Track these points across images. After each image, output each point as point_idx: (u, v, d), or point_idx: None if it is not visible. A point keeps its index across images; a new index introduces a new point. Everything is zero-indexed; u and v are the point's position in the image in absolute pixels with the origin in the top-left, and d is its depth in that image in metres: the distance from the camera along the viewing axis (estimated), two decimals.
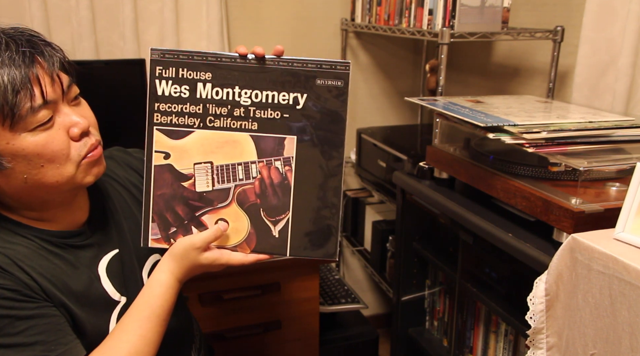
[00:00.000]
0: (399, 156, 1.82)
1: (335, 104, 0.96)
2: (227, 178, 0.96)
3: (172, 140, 0.94)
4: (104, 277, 0.94)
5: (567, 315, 0.96)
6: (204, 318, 1.56)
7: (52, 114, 0.83)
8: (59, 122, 0.84)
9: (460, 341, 1.53)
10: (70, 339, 0.84)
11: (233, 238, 0.97)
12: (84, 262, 0.92)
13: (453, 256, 1.47)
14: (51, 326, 0.83)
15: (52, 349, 0.81)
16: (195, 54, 0.93)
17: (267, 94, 0.94)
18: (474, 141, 1.37)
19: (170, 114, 0.93)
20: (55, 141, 0.83)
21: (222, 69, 0.93)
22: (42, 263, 0.86)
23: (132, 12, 1.86)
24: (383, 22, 1.90)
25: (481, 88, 2.06)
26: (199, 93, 0.93)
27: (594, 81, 1.47)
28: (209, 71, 0.93)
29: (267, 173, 0.95)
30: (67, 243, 0.91)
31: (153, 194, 0.95)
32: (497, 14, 1.57)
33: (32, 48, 0.82)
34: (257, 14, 2.08)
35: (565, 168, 1.11)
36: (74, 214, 0.94)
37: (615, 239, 0.91)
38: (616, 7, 1.40)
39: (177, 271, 0.93)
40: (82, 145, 0.87)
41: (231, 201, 0.96)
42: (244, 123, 0.94)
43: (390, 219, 2.10)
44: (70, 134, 0.85)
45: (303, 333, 1.71)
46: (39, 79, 0.81)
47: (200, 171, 0.95)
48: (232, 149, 0.95)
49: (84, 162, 0.87)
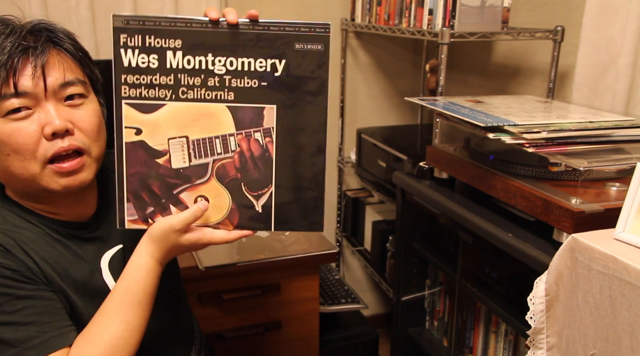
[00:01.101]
0: (399, 156, 1.82)
1: (315, 70, 0.90)
2: (204, 152, 0.91)
3: (143, 114, 0.88)
4: (106, 270, 0.95)
5: (567, 315, 0.96)
6: (204, 318, 1.56)
7: (28, 106, 0.83)
8: (37, 117, 0.84)
9: (460, 341, 1.53)
10: (65, 324, 0.85)
11: (214, 215, 0.93)
12: (88, 254, 0.94)
13: (453, 256, 1.47)
14: (48, 308, 0.83)
15: (46, 331, 0.82)
16: (162, 20, 0.87)
17: (243, 61, 0.88)
18: (474, 141, 1.37)
19: (139, 87, 0.88)
20: (23, 133, 0.83)
21: (193, 35, 0.88)
22: (47, 249, 0.88)
23: (132, 12, 1.86)
24: (383, 22, 1.90)
25: (481, 88, 2.06)
26: (169, 62, 0.88)
27: (594, 81, 1.47)
28: (179, 37, 0.87)
29: (247, 146, 0.90)
30: (72, 234, 0.93)
31: (126, 172, 0.90)
32: (497, 13, 1.57)
33: (37, 41, 0.84)
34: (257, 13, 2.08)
35: (566, 168, 1.11)
36: (79, 209, 0.95)
37: (615, 239, 0.91)
38: (616, 7, 1.40)
39: (157, 253, 0.90)
40: (51, 146, 0.85)
41: (210, 177, 0.91)
42: (220, 93, 0.89)
43: (390, 219, 2.10)
44: (44, 132, 0.84)
45: (303, 333, 1.71)
46: (17, 69, 0.82)
47: (175, 146, 0.90)
48: (208, 121, 0.89)
49: (50, 167, 0.86)
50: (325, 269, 2.06)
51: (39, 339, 0.81)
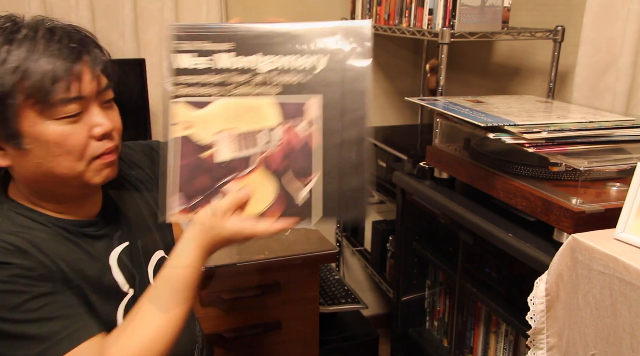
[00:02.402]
0: (399, 156, 1.82)
1: (357, 64, 0.94)
2: (250, 144, 0.95)
3: (193, 111, 0.94)
4: (115, 268, 0.96)
5: (568, 315, 0.96)
6: (204, 318, 1.56)
7: (81, 109, 0.86)
8: (85, 119, 0.87)
9: (460, 341, 1.52)
10: (87, 317, 0.86)
11: (259, 205, 0.94)
12: (98, 252, 0.95)
13: (453, 256, 1.47)
14: (70, 303, 0.86)
15: (71, 324, 0.84)
16: (214, 27, 0.93)
17: (289, 59, 0.93)
18: (474, 141, 1.37)
19: (190, 86, 0.94)
20: (76, 135, 0.86)
21: (244, 38, 0.93)
22: (60, 248, 0.89)
23: (132, 12, 1.86)
24: (383, 22, 1.90)
25: (481, 88, 2.06)
26: (220, 63, 0.93)
27: (595, 80, 1.47)
28: (231, 40, 0.93)
29: (291, 136, 0.94)
30: (82, 232, 0.94)
31: (176, 165, 0.93)
32: (498, 13, 1.57)
33: (82, 46, 0.87)
34: (257, 14, 2.08)
35: (566, 168, 1.11)
36: (86, 208, 0.97)
37: (615, 239, 0.91)
38: (617, 7, 1.40)
39: (203, 239, 0.91)
40: (100, 146, 0.89)
41: (255, 168, 0.95)
42: (266, 89, 0.94)
43: (390, 219, 2.10)
44: (92, 133, 0.88)
45: (303, 333, 1.71)
46: (80, 74, 0.85)
47: (222, 140, 0.94)
48: (254, 115, 0.94)
49: (97, 162, 0.89)
50: (325, 269, 2.06)
51: (68, 331, 0.83)
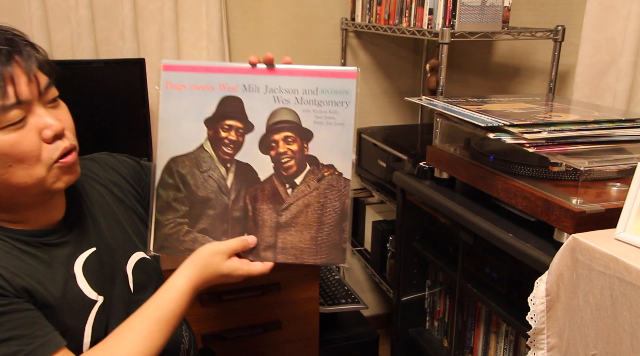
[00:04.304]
0: (399, 156, 1.82)
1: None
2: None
3: None
4: (80, 276, 0.92)
5: (568, 315, 0.96)
6: (204, 318, 1.56)
7: (25, 114, 0.82)
8: (31, 123, 0.83)
9: (460, 341, 1.52)
10: (48, 331, 0.83)
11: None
12: (60, 260, 0.91)
13: (453, 256, 1.47)
14: (25, 320, 0.81)
15: (29, 342, 0.80)
16: None
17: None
18: (474, 141, 1.37)
19: None
20: (26, 141, 0.82)
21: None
22: (15, 263, 0.85)
23: (132, 12, 1.86)
24: (383, 22, 1.89)
25: (481, 88, 2.06)
26: None
27: (595, 80, 1.47)
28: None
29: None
30: (41, 242, 0.90)
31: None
32: (498, 13, 1.57)
33: (10, 46, 0.81)
34: (257, 13, 2.08)
35: (566, 168, 1.11)
36: (48, 214, 0.92)
37: (616, 239, 0.91)
38: (617, 6, 1.40)
39: (196, 277, 0.93)
40: (55, 148, 0.85)
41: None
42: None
43: (390, 219, 2.09)
44: (43, 136, 0.83)
45: (303, 333, 1.71)
46: (14, 78, 0.80)
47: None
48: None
49: (56, 167, 0.86)
50: (325, 270, 2.06)
51: (24, 352, 0.79)
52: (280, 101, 0.96)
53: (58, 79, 0.90)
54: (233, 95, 0.96)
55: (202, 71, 0.96)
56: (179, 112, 0.97)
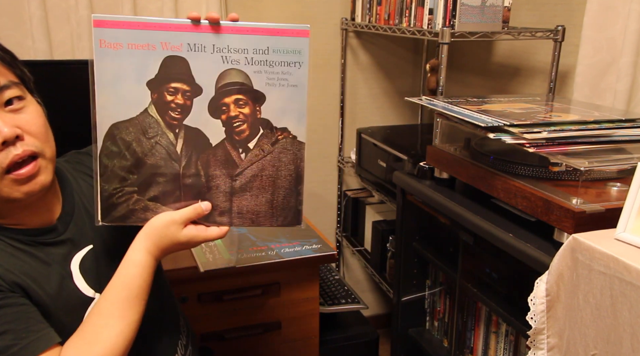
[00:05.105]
0: (399, 156, 1.81)
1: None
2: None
3: None
4: (77, 273, 0.92)
5: (568, 315, 0.96)
6: (204, 318, 1.55)
7: None
8: None
9: (460, 341, 1.52)
10: (42, 327, 0.83)
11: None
12: (56, 259, 0.91)
13: (453, 257, 1.47)
14: (20, 314, 0.81)
15: (23, 337, 0.79)
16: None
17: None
18: (474, 141, 1.37)
19: None
20: None
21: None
22: (10, 260, 0.85)
23: (132, 12, 1.86)
24: (383, 22, 1.89)
25: (481, 88, 2.06)
26: None
27: (595, 80, 1.47)
28: None
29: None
30: (37, 241, 0.89)
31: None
32: (498, 13, 1.57)
33: None
34: (257, 13, 2.08)
35: (566, 168, 1.11)
36: (42, 215, 0.92)
37: (616, 239, 0.91)
38: (617, 6, 1.40)
39: (154, 248, 0.91)
40: (4, 156, 0.81)
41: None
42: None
43: (390, 219, 2.09)
44: None
45: (303, 333, 1.71)
46: None
47: None
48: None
49: (9, 178, 0.82)
50: (325, 270, 2.06)
51: (18, 346, 0.79)
52: (229, 62, 0.91)
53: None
54: (177, 55, 0.90)
55: (140, 28, 0.88)
56: (117, 74, 0.88)
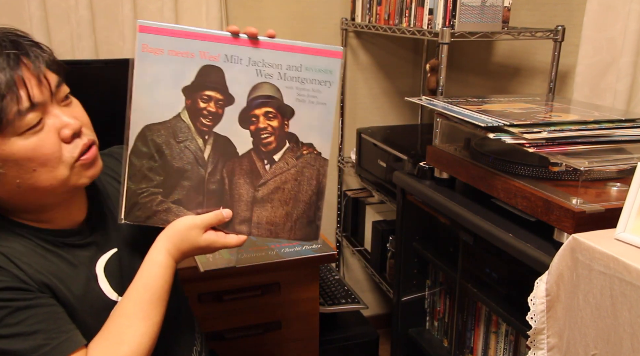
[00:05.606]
0: (399, 156, 1.81)
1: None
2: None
3: None
4: (101, 276, 0.94)
5: (568, 315, 0.96)
6: (204, 318, 1.55)
7: (41, 116, 0.82)
8: (49, 124, 0.83)
9: (460, 341, 1.52)
10: (71, 328, 0.84)
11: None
12: (82, 261, 0.92)
13: (453, 256, 1.47)
14: (50, 314, 0.83)
15: (54, 337, 0.81)
16: None
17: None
18: (474, 141, 1.37)
19: None
20: (46, 144, 0.82)
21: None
22: (39, 261, 0.86)
23: (132, 12, 1.86)
24: (383, 22, 1.89)
25: (481, 88, 2.06)
26: None
27: (595, 80, 1.47)
28: None
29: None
30: (65, 242, 0.91)
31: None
32: (498, 13, 1.57)
33: (16, 49, 0.80)
34: (257, 13, 2.08)
35: (566, 168, 1.11)
36: (71, 214, 0.93)
37: (616, 239, 0.91)
38: (617, 6, 1.40)
39: (175, 250, 0.93)
40: (74, 146, 0.85)
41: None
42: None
43: (390, 219, 2.09)
44: (61, 136, 0.84)
45: (303, 333, 1.71)
46: (25, 81, 0.79)
47: None
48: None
49: (78, 165, 0.86)
50: (325, 270, 2.06)
51: (49, 346, 0.80)
52: (262, 75, 0.93)
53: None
54: (214, 64, 0.92)
55: (182, 36, 0.91)
56: (156, 78, 0.91)
